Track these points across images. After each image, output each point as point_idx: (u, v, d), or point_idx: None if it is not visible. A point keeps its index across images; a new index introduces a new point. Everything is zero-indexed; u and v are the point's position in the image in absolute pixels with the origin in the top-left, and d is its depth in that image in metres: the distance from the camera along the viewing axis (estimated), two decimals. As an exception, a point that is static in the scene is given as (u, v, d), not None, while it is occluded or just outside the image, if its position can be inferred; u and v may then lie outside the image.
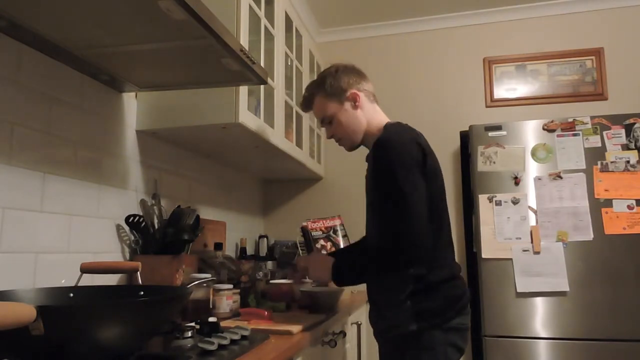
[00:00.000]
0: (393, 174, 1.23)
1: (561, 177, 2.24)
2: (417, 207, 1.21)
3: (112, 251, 1.56)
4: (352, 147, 1.49)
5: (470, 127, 2.41)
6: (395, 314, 1.29)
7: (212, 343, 1.01)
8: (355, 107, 1.42)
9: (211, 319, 1.22)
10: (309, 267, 1.41)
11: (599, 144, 2.24)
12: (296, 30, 2.46)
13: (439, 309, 1.27)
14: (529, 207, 2.25)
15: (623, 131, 2.23)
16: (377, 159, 1.28)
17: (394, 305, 1.29)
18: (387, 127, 1.38)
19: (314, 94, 1.48)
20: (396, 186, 1.22)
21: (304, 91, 1.54)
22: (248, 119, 1.70)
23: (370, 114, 1.44)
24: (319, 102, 1.46)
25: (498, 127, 2.36)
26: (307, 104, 1.51)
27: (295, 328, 1.28)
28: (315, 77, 1.58)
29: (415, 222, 1.19)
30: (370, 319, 1.42)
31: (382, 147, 1.28)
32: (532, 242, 2.20)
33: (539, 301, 2.17)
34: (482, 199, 2.30)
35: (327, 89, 1.43)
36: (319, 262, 1.40)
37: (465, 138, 2.63)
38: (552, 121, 2.31)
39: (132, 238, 1.62)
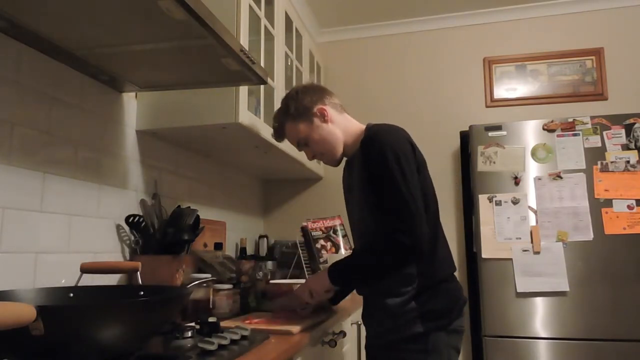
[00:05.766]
0: (386, 164, 1.22)
1: (561, 177, 2.24)
2: (413, 197, 1.20)
3: (112, 251, 1.56)
4: (336, 161, 1.45)
5: (470, 127, 2.40)
6: (399, 315, 1.24)
7: (212, 343, 1.01)
8: (325, 121, 1.40)
9: (211, 319, 1.22)
10: (307, 283, 1.39)
11: (599, 144, 2.24)
12: (296, 30, 2.46)
13: (443, 310, 1.25)
14: (529, 207, 2.25)
15: (623, 131, 2.23)
16: (368, 152, 1.27)
17: (397, 306, 1.25)
18: (373, 125, 1.37)
19: (283, 122, 1.46)
20: (390, 176, 1.21)
21: (272, 123, 1.52)
22: (248, 119, 1.70)
23: (344, 125, 1.43)
24: (290, 127, 1.44)
25: (498, 127, 2.36)
26: (279, 133, 1.49)
27: (295, 328, 1.28)
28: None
29: (413, 211, 1.19)
30: (366, 322, 1.38)
31: (372, 140, 1.27)
32: (532, 242, 2.20)
33: (539, 301, 2.17)
34: (482, 199, 2.30)
35: (293, 112, 1.41)
36: (314, 276, 1.40)
37: (465, 138, 2.63)
38: (552, 121, 2.31)
39: (132, 238, 1.62)
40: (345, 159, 1.48)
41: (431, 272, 1.27)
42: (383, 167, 1.23)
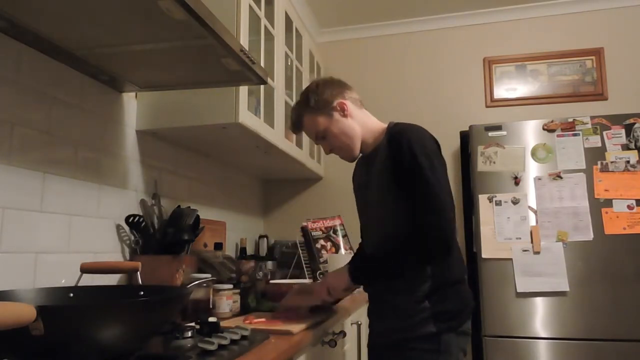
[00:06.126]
0: (416, 159, 1.22)
1: (561, 177, 2.24)
2: (443, 195, 1.21)
3: (112, 251, 1.56)
4: (353, 157, 1.43)
5: (470, 127, 2.40)
6: (412, 314, 1.24)
7: (212, 343, 1.01)
8: (344, 115, 1.38)
9: (211, 319, 1.22)
10: (326, 280, 1.38)
11: (599, 144, 2.24)
12: (296, 30, 2.46)
13: (455, 312, 1.27)
14: (529, 207, 2.25)
15: (623, 131, 2.23)
16: (398, 147, 1.26)
17: (411, 305, 1.25)
18: (397, 123, 1.36)
19: (301, 114, 1.43)
20: (421, 170, 1.22)
21: (290, 114, 1.50)
22: (248, 119, 1.70)
23: (363, 120, 1.41)
24: (308, 120, 1.41)
25: (498, 127, 2.36)
26: (297, 125, 1.47)
27: (295, 328, 1.28)
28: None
29: (444, 204, 1.20)
30: (372, 319, 1.38)
31: (402, 135, 1.27)
32: (532, 242, 2.20)
33: (539, 301, 2.17)
34: (482, 199, 2.30)
35: (313, 105, 1.40)
36: (334, 273, 1.39)
37: (465, 138, 2.63)
38: (552, 121, 2.31)
39: (132, 238, 1.62)
40: (360, 155, 1.47)
41: (445, 272, 1.27)
42: (413, 161, 1.23)
